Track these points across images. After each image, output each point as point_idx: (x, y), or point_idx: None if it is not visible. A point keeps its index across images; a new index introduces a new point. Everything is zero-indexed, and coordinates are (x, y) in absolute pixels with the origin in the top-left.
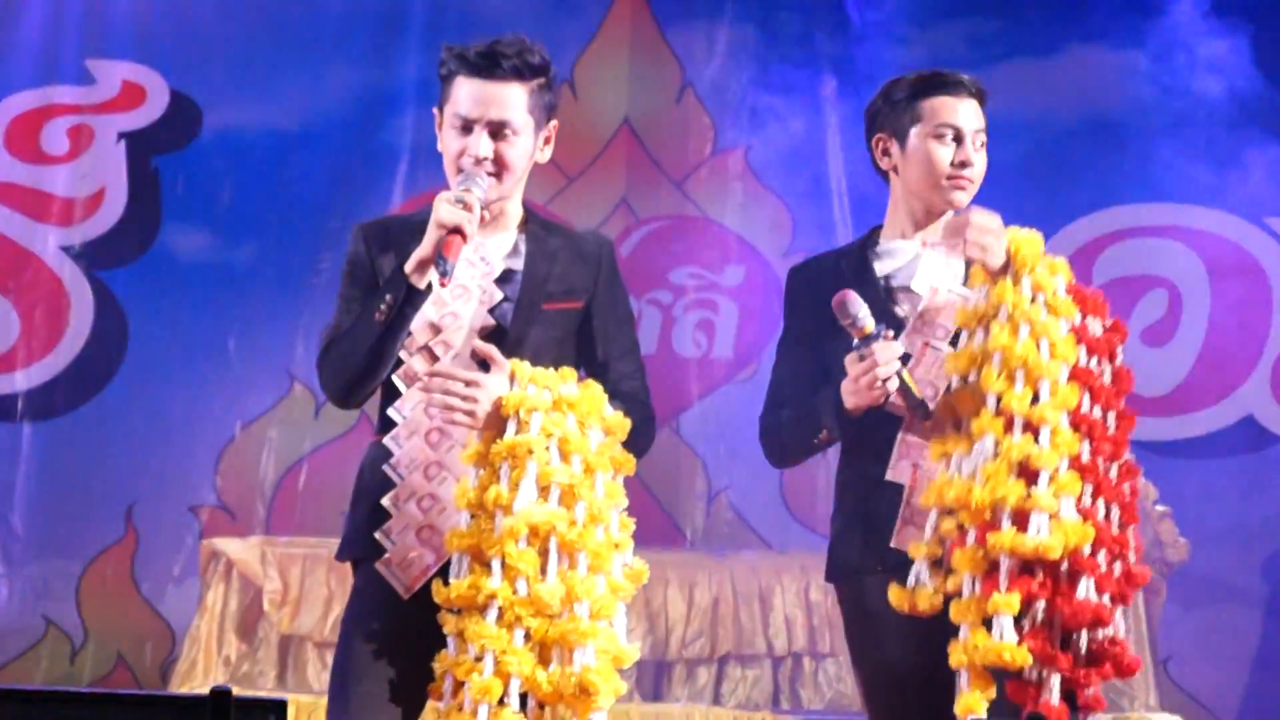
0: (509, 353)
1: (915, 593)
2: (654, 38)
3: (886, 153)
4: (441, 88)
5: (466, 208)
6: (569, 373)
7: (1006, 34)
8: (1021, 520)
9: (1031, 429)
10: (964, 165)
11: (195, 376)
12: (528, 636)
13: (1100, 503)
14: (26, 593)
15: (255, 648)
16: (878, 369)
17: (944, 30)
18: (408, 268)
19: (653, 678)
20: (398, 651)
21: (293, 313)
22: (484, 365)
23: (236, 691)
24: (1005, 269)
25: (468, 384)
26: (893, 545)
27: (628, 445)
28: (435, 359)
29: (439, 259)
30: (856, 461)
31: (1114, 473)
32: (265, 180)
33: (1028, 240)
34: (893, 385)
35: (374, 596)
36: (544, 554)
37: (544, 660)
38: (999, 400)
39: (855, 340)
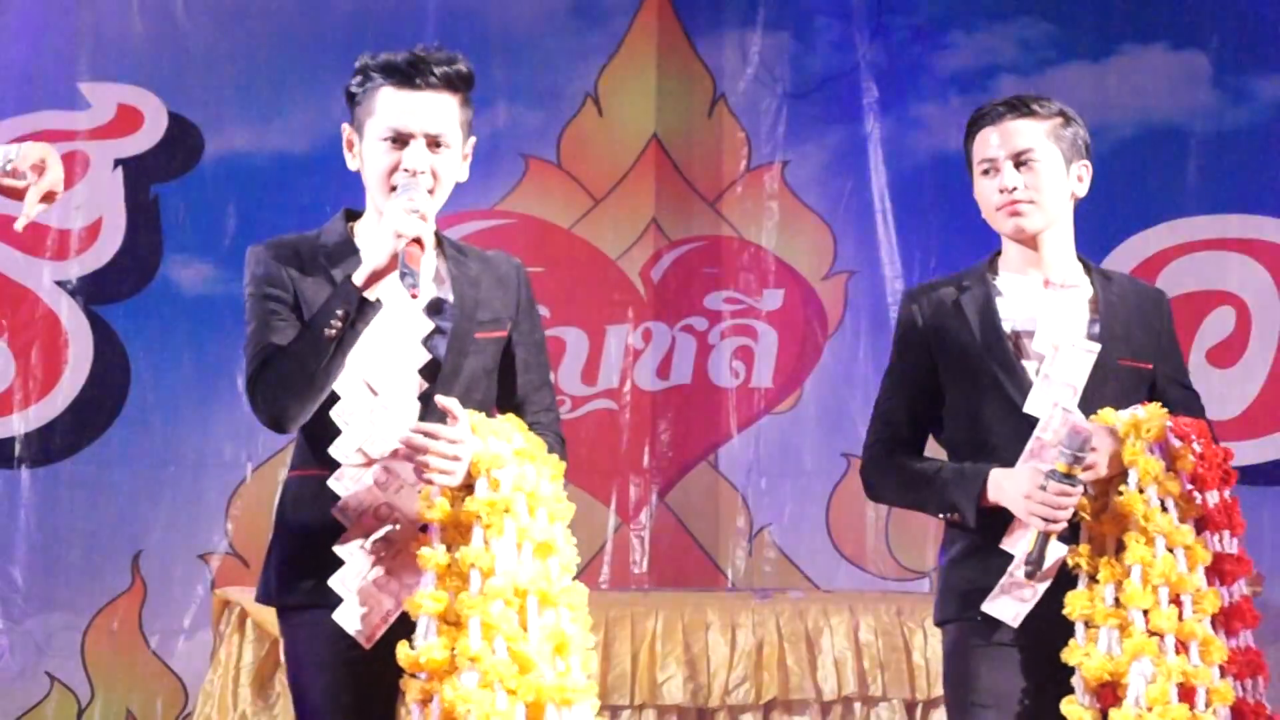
0: (444, 387)
1: None
2: (682, 48)
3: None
4: (357, 101)
5: (422, 218)
6: (517, 421)
7: (1057, 36)
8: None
9: (1183, 645)
10: (1010, 190)
11: (202, 416)
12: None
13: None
14: (28, 649)
15: (271, 703)
16: (1056, 512)
17: (991, 34)
18: (358, 280)
19: None
20: (365, 707)
21: None
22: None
23: None
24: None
25: (451, 443)
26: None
27: None
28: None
29: (406, 270)
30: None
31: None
32: (272, 207)
33: (1132, 443)
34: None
35: (330, 647)
36: (522, 611)
37: None
38: (1146, 616)
39: (1055, 466)
